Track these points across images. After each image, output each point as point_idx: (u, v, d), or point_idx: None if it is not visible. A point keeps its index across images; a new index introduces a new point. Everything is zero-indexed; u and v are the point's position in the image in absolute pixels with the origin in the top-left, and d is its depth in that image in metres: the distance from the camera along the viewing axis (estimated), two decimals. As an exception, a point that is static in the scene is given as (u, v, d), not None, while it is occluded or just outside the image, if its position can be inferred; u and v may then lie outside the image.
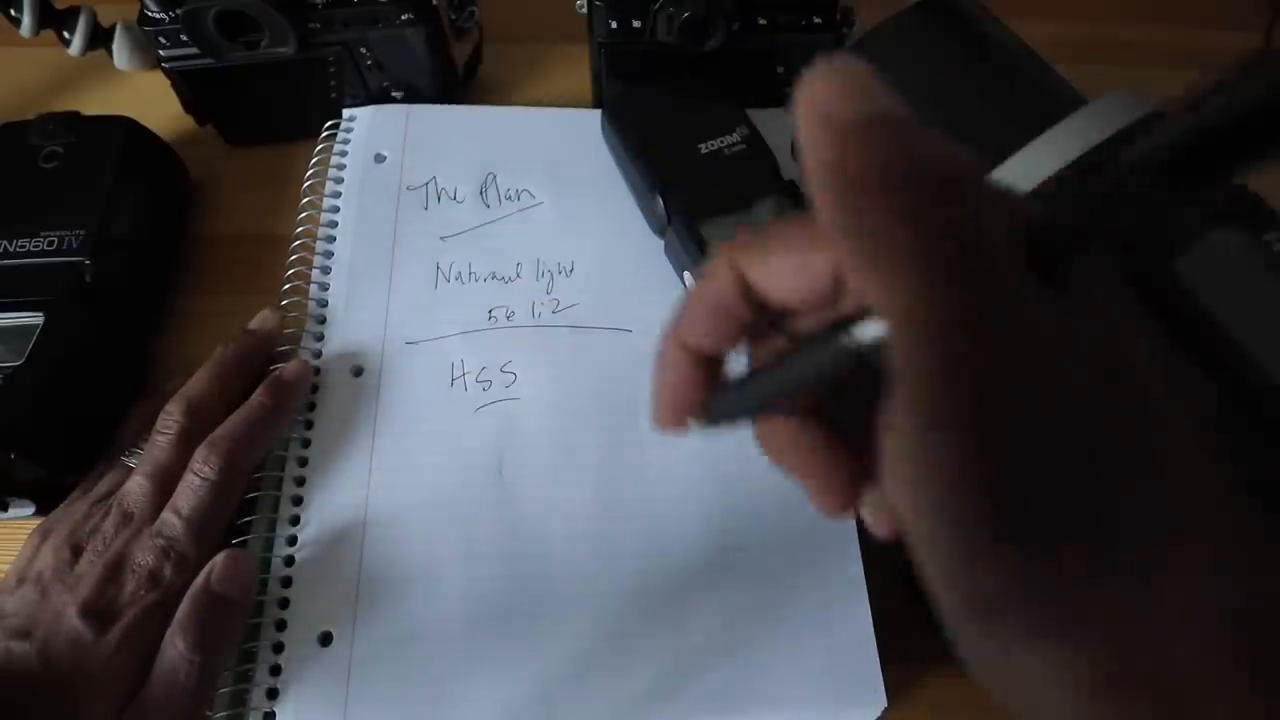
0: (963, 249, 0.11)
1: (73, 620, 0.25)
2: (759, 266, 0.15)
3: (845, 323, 0.13)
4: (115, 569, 0.26)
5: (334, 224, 0.36)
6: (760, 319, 0.16)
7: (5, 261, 0.31)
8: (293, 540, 0.29)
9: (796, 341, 0.15)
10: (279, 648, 0.28)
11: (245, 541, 0.29)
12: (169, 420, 0.29)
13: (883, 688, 0.28)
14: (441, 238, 0.36)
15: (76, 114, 0.35)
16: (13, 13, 0.37)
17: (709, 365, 0.17)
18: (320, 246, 0.35)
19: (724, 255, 0.16)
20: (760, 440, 0.17)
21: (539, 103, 0.42)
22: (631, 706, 0.28)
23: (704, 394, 0.17)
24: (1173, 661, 0.11)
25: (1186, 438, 0.12)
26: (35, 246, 0.31)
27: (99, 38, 0.39)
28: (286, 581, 0.29)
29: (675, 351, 0.17)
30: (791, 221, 0.15)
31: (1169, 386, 0.12)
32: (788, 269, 0.15)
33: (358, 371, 0.33)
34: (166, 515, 0.27)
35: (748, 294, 0.16)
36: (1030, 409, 0.11)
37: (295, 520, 0.30)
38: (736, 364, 0.17)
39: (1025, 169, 0.25)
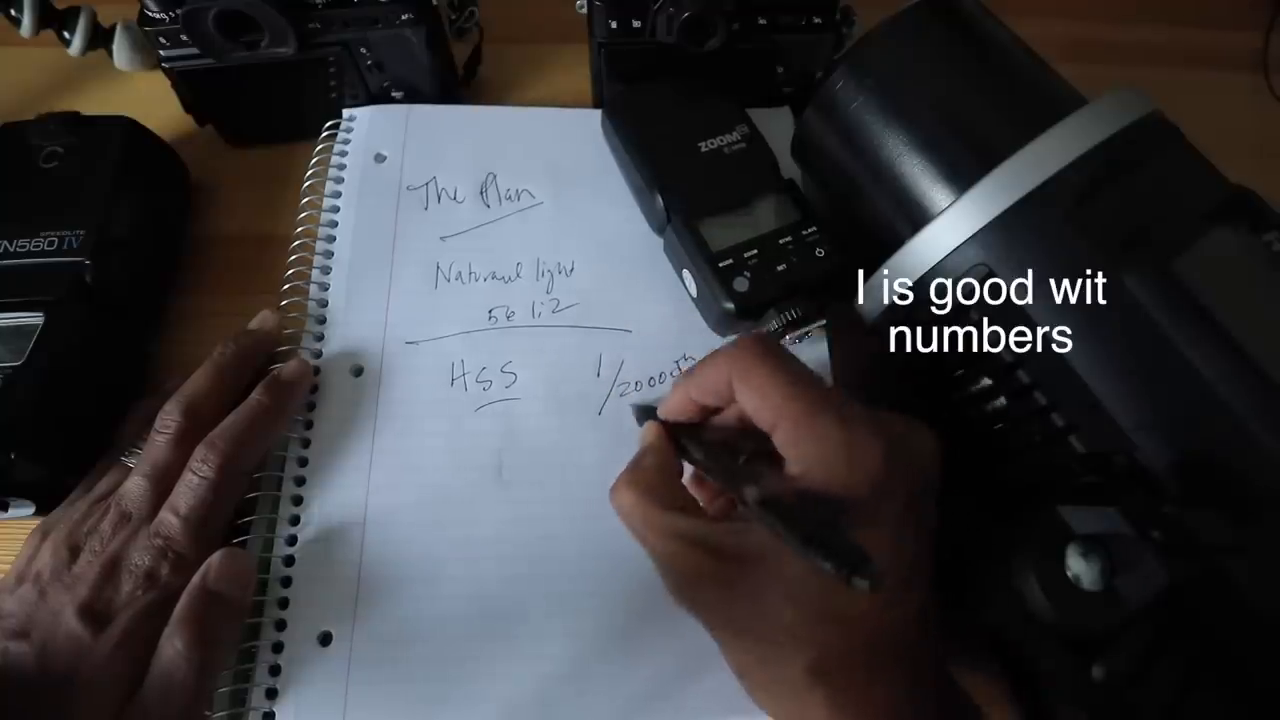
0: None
1: (70, 621, 0.25)
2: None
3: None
4: (113, 569, 0.26)
5: (334, 224, 0.36)
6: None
7: (5, 261, 0.31)
8: (293, 540, 0.29)
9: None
10: (279, 648, 0.28)
11: (245, 541, 0.29)
12: (167, 420, 0.29)
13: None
14: (441, 238, 0.36)
15: (76, 114, 0.35)
16: (13, 13, 0.37)
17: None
18: (320, 246, 0.35)
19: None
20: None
21: (539, 103, 0.42)
22: (631, 707, 0.28)
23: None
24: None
25: (779, 560, 0.22)
26: (35, 246, 0.31)
27: (99, 38, 0.39)
28: (286, 581, 0.29)
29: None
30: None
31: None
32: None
33: (358, 371, 0.33)
34: (164, 515, 0.27)
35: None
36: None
37: (295, 520, 0.30)
38: None
39: (1026, 169, 0.25)
